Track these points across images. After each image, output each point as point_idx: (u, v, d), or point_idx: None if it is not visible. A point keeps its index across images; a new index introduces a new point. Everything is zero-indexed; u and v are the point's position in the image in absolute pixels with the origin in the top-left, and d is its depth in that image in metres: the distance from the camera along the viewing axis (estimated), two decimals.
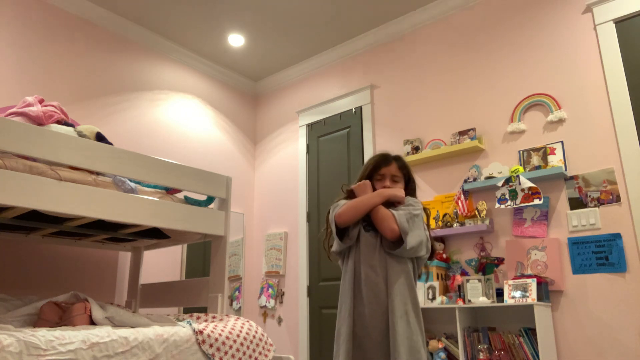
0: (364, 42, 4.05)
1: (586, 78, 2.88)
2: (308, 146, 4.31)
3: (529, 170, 2.91)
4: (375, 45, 4.01)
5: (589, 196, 2.74)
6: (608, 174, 2.70)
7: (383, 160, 1.93)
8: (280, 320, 4.09)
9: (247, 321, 2.39)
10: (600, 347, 2.56)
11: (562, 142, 2.88)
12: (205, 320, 2.35)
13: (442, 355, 2.83)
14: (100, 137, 2.43)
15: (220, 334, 2.16)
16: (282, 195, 4.40)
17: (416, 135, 3.57)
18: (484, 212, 3.03)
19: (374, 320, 1.70)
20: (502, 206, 2.90)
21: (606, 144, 2.73)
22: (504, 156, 3.10)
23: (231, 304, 4.17)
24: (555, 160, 2.87)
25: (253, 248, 4.48)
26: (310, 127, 4.33)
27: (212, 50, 4.25)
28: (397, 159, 1.95)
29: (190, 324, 2.16)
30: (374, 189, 1.89)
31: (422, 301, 2.98)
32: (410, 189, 1.95)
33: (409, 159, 3.39)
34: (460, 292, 2.91)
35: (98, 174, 2.26)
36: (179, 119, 4.13)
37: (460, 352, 2.73)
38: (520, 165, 2.97)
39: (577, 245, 2.72)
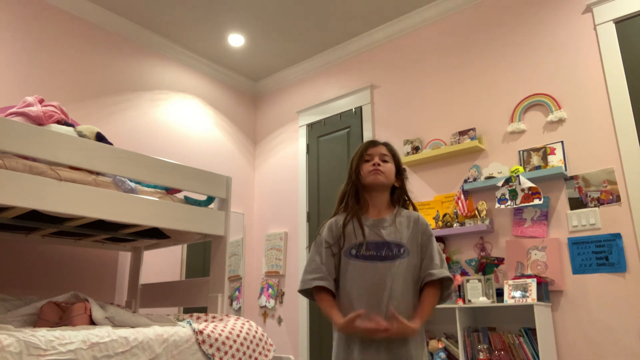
0: (364, 42, 4.05)
1: (586, 78, 2.88)
2: (308, 146, 4.31)
3: (529, 170, 2.91)
4: (375, 45, 4.01)
5: (589, 196, 2.74)
6: (608, 174, 2.70)
7: (371, 143, 1.77)
8: (280, 320, 4.09)
9: (247, 321, 2.39)
10: (600, 347, 2.56)
11: (562, 142, 2.88)
12: (205, 320, 2.35)
13: (442, 355, 2.83)
14: (100, 137, 2.43)
15: (220, 334, 2.16)
16: (282, 195, 4.40)
17: (416, 135, 3.57)
18: (484, 212, 3.03)
19: None
20: (502, 206, 2.90)
21: (606, 144, 2.73)
22: (504, 156, 3.10)
23: (231, 304, 4.17)
24: (555, 160, 2.87)
25: (253, 248, 4.48)
26: (310, 127, 4.33)
27: (212, 50, 4.25)
28: (386, 144, 1.79)
29: (190, 324, 2.16)
30: (363, 172, 1.68)
31: None
32: (402, 178, 1.77)
33: (409, 158, 3.40)
34: (460, 292, 2.91)
35: (98, 174, 2.26)
36: (179, 119, 4.13)
37: (460, 352, 2.73)
38: (520, 165, 2.97)
39: (577, 245, 2.72)
